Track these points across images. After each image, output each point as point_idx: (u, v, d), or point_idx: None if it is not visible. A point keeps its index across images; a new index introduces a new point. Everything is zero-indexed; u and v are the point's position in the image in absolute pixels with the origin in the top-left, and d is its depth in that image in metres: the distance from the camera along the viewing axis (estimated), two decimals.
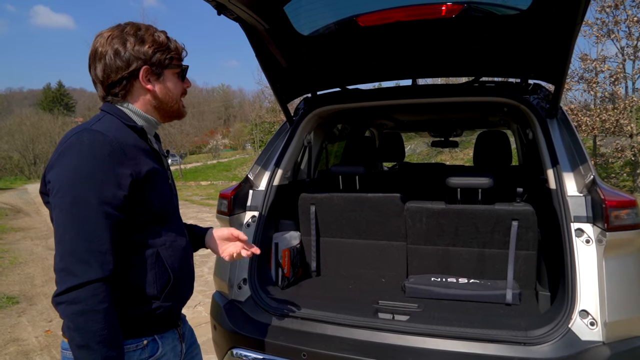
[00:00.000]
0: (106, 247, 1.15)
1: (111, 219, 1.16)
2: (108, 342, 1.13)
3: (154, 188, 1.28)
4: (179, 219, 1.43)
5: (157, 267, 1.28)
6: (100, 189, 1.15)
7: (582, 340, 1.81)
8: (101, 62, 1.30)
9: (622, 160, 10.48)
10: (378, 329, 2.03)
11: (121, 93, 1.32)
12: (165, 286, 1.30)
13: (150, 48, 1.30)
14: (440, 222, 2.53)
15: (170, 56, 1.34)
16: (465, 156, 18.02)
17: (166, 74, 1.36)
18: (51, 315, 4.69)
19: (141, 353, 1.27)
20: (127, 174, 1.19)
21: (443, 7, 2.19)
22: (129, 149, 1.22)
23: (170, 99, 1.38)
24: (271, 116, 29.74)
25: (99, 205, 1.14)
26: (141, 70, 1.30)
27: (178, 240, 1.36)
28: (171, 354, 1.38)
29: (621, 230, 1.85)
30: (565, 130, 2.32)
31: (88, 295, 1.11)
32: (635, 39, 9.94)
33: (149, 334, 1.30)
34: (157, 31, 1.34)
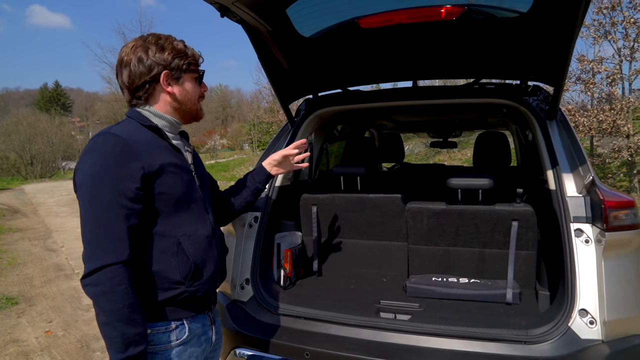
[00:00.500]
0: (121, 234, 1.28)
1: (125, 209, 1.29)
2: (126, 319, 1.25)
3: (168, 180, 1.40)
4: (202, 209, 1.53)
5: (179, 255, 1.40)
6: (114, 183, 1.29)
7: (582, 338, 1.84)
8: (126, 69, 1.45)
9: (619, 161, 10.52)
10: (380, 328, 2.05)
11: (144, 96, 1.47)
12: (189, 273, 1.41)
13: (169, 55, 1.45)
14: (441, 223, 2.55)
15: (188, 62, 1.49)
16: (463, 156, 18.06)
17: (185, 77, 1.50)
18: (51, 316, 4.69)
19: (170, 335, 1.40)
20: (138, 168, 1.32)
21: (444, 10, 2.21)
22: (141, 147, 1.36)
23: (189, 100, 1.53)
24: (269, 116, 29.70)
25: (113, 197, 1.29)
26: (162, 75, 1.45)
27: (200, 230, 1.48)
28: (202, 338, 1.51)
29: (620, 230, 1.88)
30: (565, 131, 2.34)
31: (106, 278, 1.25)
32: (631, 40, 9.99)
33: (178, 318, 1.43)
34: (175, 40, 1.50)
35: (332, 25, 2.40)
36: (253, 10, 2.11)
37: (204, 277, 1.47)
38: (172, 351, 1.40)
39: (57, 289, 5.68)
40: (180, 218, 1.44)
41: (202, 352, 1.51)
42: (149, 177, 1.35)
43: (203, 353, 1.53)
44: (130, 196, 1.30)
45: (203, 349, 1.52)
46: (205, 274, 1.47)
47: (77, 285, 5.86)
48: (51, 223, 11.28)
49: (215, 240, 1.55)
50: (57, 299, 5.30)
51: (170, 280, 1.39)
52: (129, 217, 1.30)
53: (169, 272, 1.39)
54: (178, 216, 1.43)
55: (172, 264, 1.39)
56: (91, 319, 4.59)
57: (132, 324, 1.26)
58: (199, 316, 1.51)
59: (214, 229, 1.55)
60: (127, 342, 1.26)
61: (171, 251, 1.40)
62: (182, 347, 1.43)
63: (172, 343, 1.41)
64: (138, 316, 1.29)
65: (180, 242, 1.41)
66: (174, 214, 1.42)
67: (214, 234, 1.54)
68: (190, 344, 1.46)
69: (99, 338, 4.08)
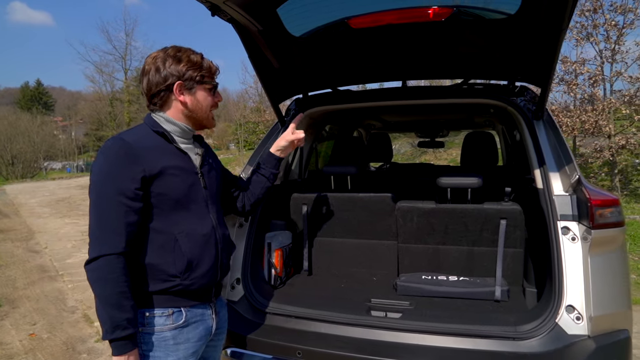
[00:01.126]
0: (119, 228, 1.42)
1: (124, 206, 1.43)
2: (115, 305, 1.39)
3: (169, 182, 1.52)
4: (203, 209, 1.64)
5: (175, 251, 1.52)
6: (116, 183, 1.44)
7: (569, 334, 1.88)
8: (146, 77, 1.59)
9: (600, 160, 10.73)
10: (372, 326, 2.06)
11: (159, 103, 1.61)
12: (184, 268, 1.52)
13: (184, 67, 1.57)
14: (431, 221, 2.58)
15: (201, 74, 1.60)
16: (448, 156, 18.23)
17: (197, 88, 1.61)
18: (35, 319, 4.61)
19: (166, 319, 1.53)
20: (139, 170, 1.46)
21: (433, 11, 2.23)
22: (145, 151, 1.50)
23: (199, 109, 1.64)
24: (255, 116, 29.54)
25: (114, 195, 1.43)
26: (175, 85, 1.57)
27: (198, 228, 1.59)
28: (201, 327, 1.63)
29: (605, 228, 1.92)
30: (551, 131, 2.38)
31: (101, 266, 1.40)
32: (612, 42, 10.19)
33: (175, 306, 1.55)
34: (193, 53, 1.61)
35: (322, 25, 2.41)
36: (244, 9, 2.11)
37: (199, 272, 1.57)
38: (168, 333, 1.54)
39: (41, 291, 5.58)
40: (178, 217, 1.55)
41: (199, 338, 1.62)
42: (149, 179, 1.48)
43: (200, 340, 1.63)
44: (130, 195, 1.44)
45: (201, 335, 1.63)
46: (201, 270, 1.57)
47: (61, 286, 5.78)
48: (33, 224, 11.09)
49: (215, 238, 1.64)
50: (41, 301, 5.21)
51: (167, 273, 1.51)
52: (127, 214, 1.44)
53: (165, 265, 1.51)
54: (177, 215, 1.55)
55: (169, 259, 1.51)
56: (77, 321, 4.52)
57: (120, 310, 1.40)
58: (199, 305, 1.63)
59: (214, 228, 1.65)
60: (115, 325, 1.39)
61: (168, 247, 1.52)
62: (178, 330, 1.55)
63: (167, 326, 1.53)
64: (128, 303, 1.42)
65: (177, 239, 1.53)
66: (173, 212, 1.54)
67: (213, 232, 1.64)
68: (187, 330, 1.58)
69: (84, 340, 4.03)
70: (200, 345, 1.64)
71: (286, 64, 2.62)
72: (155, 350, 1.52)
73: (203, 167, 1.67)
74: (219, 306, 1.77)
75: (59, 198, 18.06)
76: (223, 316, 1.82)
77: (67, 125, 56.26)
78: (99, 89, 46.70)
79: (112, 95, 45.71)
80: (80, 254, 7.58)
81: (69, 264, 6.87)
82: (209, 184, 1.68)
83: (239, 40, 2.34)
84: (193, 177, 1.61)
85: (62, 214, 12.99)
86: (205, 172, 1.68)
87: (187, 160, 1.61)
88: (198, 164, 1.65)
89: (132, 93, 45.34)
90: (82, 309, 4.88)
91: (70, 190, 22.13)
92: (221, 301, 1.83)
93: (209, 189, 1.67)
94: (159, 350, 1.53)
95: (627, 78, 10.25)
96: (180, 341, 1.56)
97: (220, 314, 1.78)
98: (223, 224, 1.74)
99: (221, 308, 1.80)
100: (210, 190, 1.68)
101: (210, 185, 1.69)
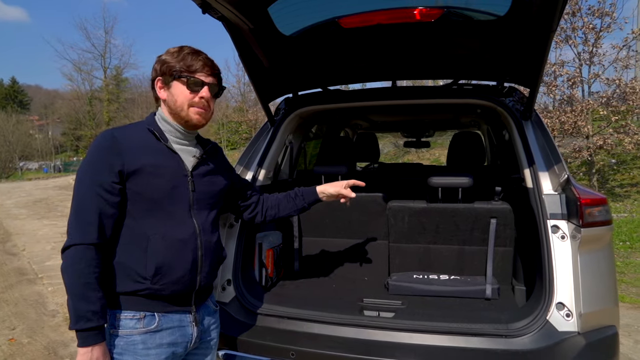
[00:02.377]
0: (92, 219, 1.41)
1: (100, 198, 1.43)
2: (80, 295, 1.38)
3: (147, 180, 1.48)
4: (185, 213, 1.58)
5: (147, 253, 1.48)
6: (94, 173, 1.44)
7: (559, 331, 1.91)
8: None
9: (579, 160, 10.98)
10: (365, 326, 2.06)
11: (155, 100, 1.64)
12: (154, 272, 1.48)
13: (164, 61, 1.56)
14: (422, 221, 2.59)
15: (178, 68, 1.54)
16: (431, 156, 18.40)
17: (174, 83, 1.56)
18: (14, 323, 4.48)
19: (136, 323, 1.49)
20: (118, 164, 1.45)
21: (422, 12, 2.24)
22: (129, 145, 1.48)
23: (176, 105, 1.57)
24: (238, 116, 29.37)
25: (90, 186, 1.44)
26: (156, 81, 1.59)
27: (175, 232, 1.53)
28: (177, 333, 1.56)
29: (594, 226, 1.96)
30: (540, 131, 2.42)
31: (70, 256, 1.41)
32: (590, 45, 10.43)
33: (148, 310, 1.51)
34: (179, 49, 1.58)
35: (313, 24, 2.40)
36: (235, 7, 2.08)
37: (171, 278, 1.51)
38: (137, 337, 1.48)
39: (19, 295, 5.43)
40: (155, 218, 1.51)
41: (173, 344, 1.55)
42: (127, 175, 1.46)
43: (176, 346, 1.56)
44: (106, 187, 1.43)
45: (176, 342, 1.56)
46: (172, 276, 1.51)
47: (41, 289, 5.63)
48: (10, 226, 10.79)
49: (195, 245, 1.57)
50: (20, 304, 5.07)
51: (137, 274, 1.48)
52: (102, 206, 1.43)
53: (136, 266, 1.48)
54: (153, 216, 1.51)
55: (140, 260, 1.48)
56: (58, 325, 4.41)
57: (85, 301, 1.37)
58: (176, 312, 1.56)
59: (196, 233, 1.58)
60: (79, 316, 1.37)
61: (141, 248, 1.48)
62: (148, 335, 1.50)
63: (137, 330, 1.49)
64: (93, 295, 1.39)
65: (149, 240, 1.49)
66: (149, 213, 1.51)
67: (194, 238, 1.57)
68: (159, 335, 1.52)
69: (67, 344, 3.93)
70: (175, 352, 1.56)
71: (276, 63, 2.60)
72: (124, 354, 1.47)
73: (197, 169, 1.62)
74: (203, 314, 1.69)
75: (37, 199, 17.62)
76: (210, 325, 1.73)
77: (43, 125, 54.92)
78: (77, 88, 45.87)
79: (90, 94, 44.90)
80: (60, 256, 7.40)
81: (48, 267, 6.70)
82: (200, 188, 1.62)
83: (222, 39, 2.33)
84: (179, 179, 1.56)
85: (40, 216, 12.68)
86: (198, 174, 1.62)
87: (176, 160, 1.57)
88: (191, 166, 1.61)
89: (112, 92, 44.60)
90: (63, 313, 4.76)
91: (47, 191, 21.62)
92: (208, 308, 1.73)
93: (197, 193, 1.61)
94: (128, 354, 1.48)
95: (604, 80, 10.51)
96: (151, 346, 1.50)
97: (205, 323, 1.70)
98: (211, 230, 1.66)
99: (208, 316, 1.72)
100: (199, 194, 1.62)
101: (201, 190, 1.63)
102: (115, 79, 45.91)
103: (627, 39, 10.65)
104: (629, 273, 5.70)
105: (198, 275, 1.59)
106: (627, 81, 10.44)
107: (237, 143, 29.75)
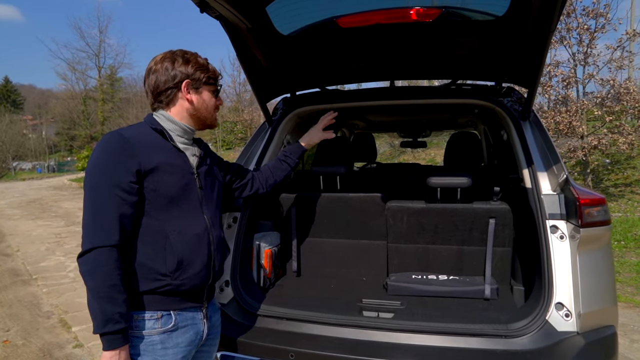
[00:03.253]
0: (112, 221, 1.41)
1: (119, 199, 1.43)
2: (107, 298, 1.38)
3: (163, 178, 1.52)
4: (197, 209, 1.63)
5: (166, 250, 1.51)
6: (111, 175, 1.44)
7: (559, 331, 1.91)
8: (154, 75, 1.62)
9: (574, 160, 11.04)
10: (364, 327, 2.05)
11: (165, 101, 1.63)
12: (174, 267, 1.51)
13: (193, 67, 1.63)
14: (421, 221, 2.59)
15: (208, 75, 1.67)
16: (427, 156, 18.43)
17: (203, 88, 1.67)
18: (8, 325, 4.44)
19: (155, 323, 1.51)
20: (134, 163, 1.46)
21: (421, 11, 2.24)
22: (141, 145, 1.50)
23: (204, 108, 1.68)
24: (233, 116, 29.29)
25: (108, 187, 1.43)
26: (184, 83, 1.62)
27: (190, 228, 1.58)
28: (191, 331, 1.61)
29: (593, 226, 1.96)
30: (538, 131, 2.42)
31: (92, 259, 1.39)
32: (585, 45, 10.47)
33: (165, 309, 1.53)
34: (199, 56, 1.68)
35: (311, 24, 2.39)
36: (233, 6, 2.07)
37: (190, 273, 1.55)
38: (156, 337, 1.51)
39: (14, 296, 5.39)
40: (171, 215, 1.54)
41: (188, 343, 1.59)
42: (144, 174, 1.48)
43: (190, 344, 1.60)
44: (125, 188, 1.44)
45: (190, 340, 1.60)
46: (192, 270, 1.56)
47: (35, 291, 5.59)
48: (4, 226, 10.71)
49: (208, 239, 1.63)
50: (15, 306, 5.03)
51: (157, 272, 1.50)
52: (122, 207, 1.43)
53: (156, 264, 1.50)
54: (169, 213, 1.54)
55: (160, 257, 1.50)
56: (53, 327, 4.38)
57: (112, 303, 1.38)
58: (189, 309, 1.60)
59: (208, 229, 1.64)
60: (106, 319, 1.37)
61: (160, 245, 1.51)
62: (166, 334, 1.53)
63: (156, 330, 1.51)
64: (120, 297, 1.40)
65: (168, 237, 1.52)
66: (166, 210, 1.54)
67: (207, 233, 1.63)
68: (176, 334, 1.55)
69: (62, 346, 3.90)
70: (190, 350, 1.62)
71: (274, 62, 2.59)
72: (143, 355, 1.49)
73: (200, 167, 1.68)
74: (211, 310, 1.75)
75: (30, 199, 17.49)
76: (216, 321, 1.80)
77: (37, 124, 54.52)
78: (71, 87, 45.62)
79: (85, 94, 44.68)
80: (55, 256, 7.35)
81: (42, 267, 6.65)
82: (205, 185, 1.69)
83: (218, 38, 2.33)
84: (189, 177, 1.62)
85: (34, 216, 12.59)
86: (202, 173, 1.68)
87: (183, 159, 1.62)
88: (195, 164, 1.66)
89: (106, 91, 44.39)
90: (58, 314, 4.73)
91: (41, 191, 21.47)
92: (214, 305, 1.80)
93: (204, 190, 1.68)
94: (147, 355, 1.50)
95: (599, 80, 10.55)
96: (169, 346, 1.53)
97: (213, 318, 1.76)
98: (218, 226, 1.73)
99: (214, 313, 1.78)
100: (205, 191, 1.68)
101: (206, 187, 1.69)
102: (109, 78, 45.68)
103: (621, 40, 10.70)
104: (624, 272, 5.73)
105: (212, 270, 1.65)
106: (621, 82, 10.49)
107: (232, 143, 29.68)
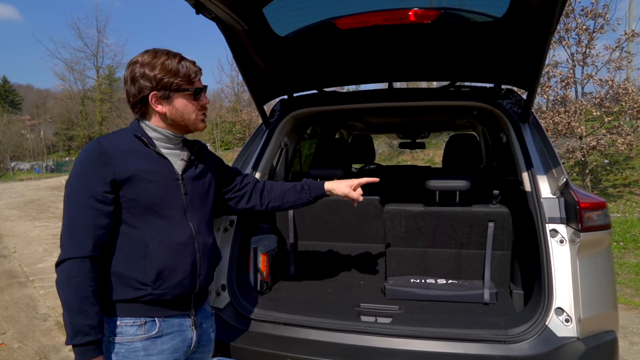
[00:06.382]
0: (86, 231, 1.39)
1: (94, 209, 1.40)
2: (77, 310, 1.36)
3: (141, 186, 1.47)
4: (181, 216, 1.57)
5: (146, 259, 1.47)
6: (86, 185, 1.42)
7: (558, 336, 1.89)
8: (125, 86, 1.55)
9: (572, 161, 11.01)
10: (362, 332, 2.03)
11: (139, 112, 1.57)
12: (155, 277, 1.47)
13: (159, 74, 1.49)
14: (419, 224, 2.56)
15: (177, 81, 1.51)
16: (425, 157, 18.42)
17: (175, 96, 1.53)
18: (4, 327, 4.41)
19: (137, 329, 1.48)
20: (109, 173, 1.42)
21: (420, 13, 2.22)
22: (117, 154, 1.45)
23: (181, 117, 1.57)
24: (232, 116, 29.25)
25: (83, 198, 1.41)
26: (150, 96, 1.51)
27: (173, 236, 1.52)
28: (178, 338, 1.56)
29: (593, 230, 1.94)
30: (537, 134, 2.40)
31: (65, 270, 1.38)
32: (583, 46, 10.46)
33: (149, 316, 1.50)
34: (169, 58, 1.51)
35: (309, 25, 2.37)
36: (229, 7, 2.04)
37: (172, 282, 1.51)
38: (138, 344, 1.47)
39: (10, 298, 5.35)
40: (151, 223, 1.50)
41: (174, 349, 1.55)
42: (120, 183, 1.44)
43: (177, 352, 1.56)
44: (99, 198, 1.41)
45: (177, 347, 1.56)
46: (174, 280, 1.51)
47: (32, 293, 5.55)
48: (1, 227, 10.67)
49: (193, 247, 1.57)
50: (11, 308, 5.00)
51: (138, 281, 1.46)
52: (96, 217, 1.40)
53: (136, 273, 1.46)
54: (149, 221, 1.50)
55: (140, 267, 1.47)
56: (49, 329, 4.35)
57: (83, 315, 1.36)
58: (176, 316, 1.56)
59: (193, 236, 1.58)
60: (75, 331, 1.36)
61: (139, 254, 1.47)
62: (150, 341, 1.49)
63: (138, 336, 1.48)
64: (91, 309, 1.37)
65: (148, 246, 1.47)
66: (145, 218, 1.49)
67: (191, 241, 1.57)
68: (160, 341, 1.51)
69: (58, 349, 3.87)
70: (177, 357, 1.57)
71: (271, 64, 2.56)
72: None
73: (186, 172, 1.62)
74: (201, 317, 1.70)
75: (28, 200, 17.44)
76: (208, 328, 1.74)
77: (35, 124, 54.39)
78: (69, 87, 45.50)
79: (83, 94, 44.59)
80: (52, 258, 7.31)
81: (39, 269, 6.62)
82: (192, 191, 1.62)
83: (216, 38, 2.30)
84: (171, 183, 1.56)
85: (31, 217, 12.54)
86: (188, 177, 1.62)
87: (166, 165, 1.56)
88: (180, 169, 1.60)
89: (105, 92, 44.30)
90: (55, 316, 4.69)
91: (39, 191, 21.41)
92: (205, 311, 1.74)
93: (190, 195, 1.61)
94: None
95: (597, 81, 10.55)
96: (153, 352, 1.50)
97: (204, 325, 1.70)
98: (207, 232, 1.66)
99: (205, 319, 1.72)
100: (192, 196, 1.62)
101: (193, 192, 1.63)
102: (107, 78, 45.59)
103: (620, 40, 10.70)
104: (622, 274, 5.72)
105: (197, 278, 1.59)
106: (620, 82, 10.49)
107: (230, 143, 29.66)
